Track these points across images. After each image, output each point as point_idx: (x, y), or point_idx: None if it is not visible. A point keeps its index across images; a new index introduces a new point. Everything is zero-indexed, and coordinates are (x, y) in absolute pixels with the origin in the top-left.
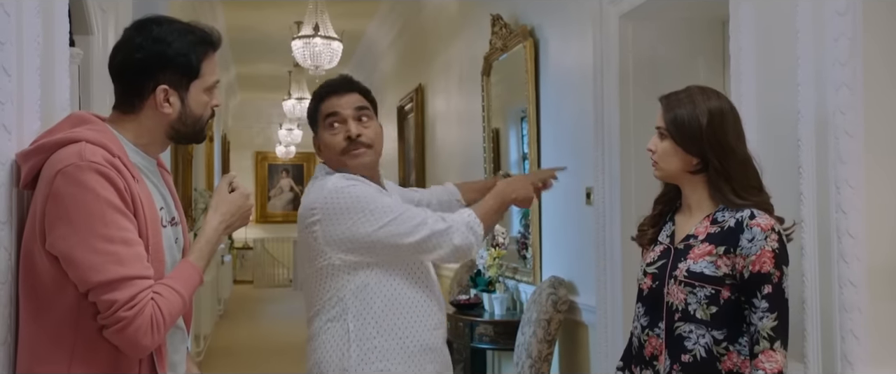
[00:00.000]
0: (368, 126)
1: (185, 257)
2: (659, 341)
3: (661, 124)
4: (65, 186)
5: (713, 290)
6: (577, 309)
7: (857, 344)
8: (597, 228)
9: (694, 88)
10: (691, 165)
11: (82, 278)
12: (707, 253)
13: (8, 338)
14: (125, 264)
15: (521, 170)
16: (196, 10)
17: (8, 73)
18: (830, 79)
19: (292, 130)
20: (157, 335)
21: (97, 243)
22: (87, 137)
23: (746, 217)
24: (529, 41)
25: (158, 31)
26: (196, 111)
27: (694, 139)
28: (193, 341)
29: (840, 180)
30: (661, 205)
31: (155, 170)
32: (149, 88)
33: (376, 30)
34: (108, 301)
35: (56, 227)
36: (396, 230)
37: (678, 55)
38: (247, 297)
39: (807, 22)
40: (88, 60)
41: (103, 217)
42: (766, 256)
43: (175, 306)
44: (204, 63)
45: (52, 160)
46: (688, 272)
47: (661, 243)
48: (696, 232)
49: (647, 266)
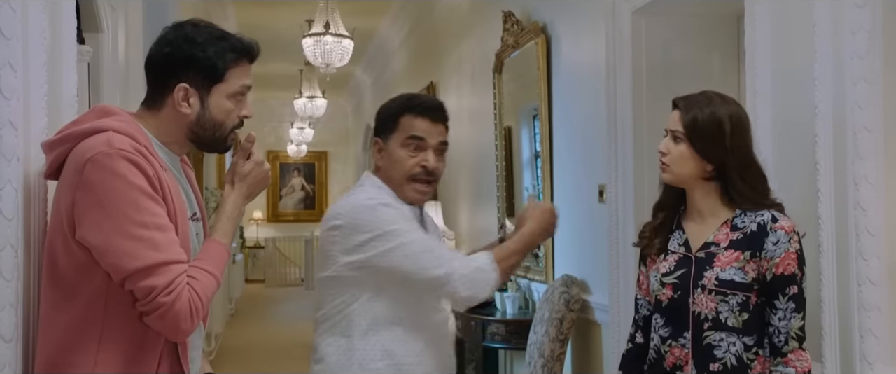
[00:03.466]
0: (442, 161)
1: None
2: (684, 351)
3: (676, 128)
4: (95, 173)
5: (744, 296)
6: (589, 308)
7: (876, 343)
8: (610, 226)
9: (711, 93)
10: (705, 172)
11: (118, 265)
12: (734, 260)
13: (16, 335)
14: (161, 249)
15: (534, 169)
16: (207, 9)
17: (14, 68)
18: (848, 73)
19: (303, 128)
20: (196, 319)
21: (132, 229)
22: (113, 127)
23: (769, 220)
24: (541, 38)
25: (192, 32)
26: (217, 117)
27: (714, 145)
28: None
29: (858, 177)
30: (664, 212)
31: (178, 166)
32: (171, 84)
33: (388, 27)
34: (147, 288)
35: (88, 215)
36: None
37: (692, 51)
38: (258, 296)
39: (824, 15)
40: (98, 58)
41: (136, 203)
42: (790, 258)
43: (210, 288)
44: (232, 69)
45: (79, 149)
46: (718, 280)
47: (673, 251)
48: (716, 239)
49: (664, 277)
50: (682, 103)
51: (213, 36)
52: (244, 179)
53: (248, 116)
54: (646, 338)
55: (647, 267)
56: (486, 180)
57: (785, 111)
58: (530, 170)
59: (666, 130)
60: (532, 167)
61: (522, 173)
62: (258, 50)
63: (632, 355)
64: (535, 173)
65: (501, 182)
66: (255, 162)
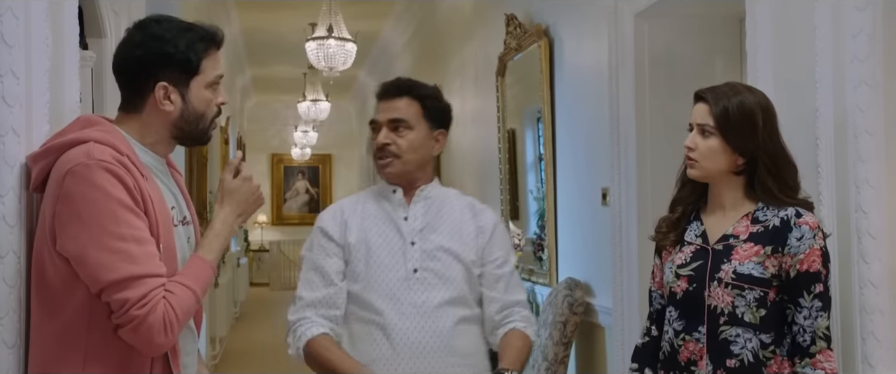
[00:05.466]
0: (403, 136)
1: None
2: (698, 345)
3: (705, 121)
4: (74, 185)
5: (762, 292)
6: (593, 311)
7: (878, 346)
8: (613, 229)
9: (736, 83)
10: (736, 165)
11: (94, 277)
12: (754, 254)
13: (17, 341)
14: (137, 262)
15: (537, 171)
16: (210, 12)
17: (16, 76)
18: (849, 76)
19: (307, 132)
20: (170, 334)
21: (109, 241)
22: (95, 138)
23: (793, 216)
24: (544, 41)
25: (158, 29)
26: (199, 108)
27: (747, 137)
28: (209, 343)
29: (860, 180)
30: (683, 206)
31: (165, 169)
32: (149, 85)
33: (391, 31)
34: (121, 300)
35: (67, 227)
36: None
37: (694, 53)
38: (263, 299)
39: (825, 18)
40: (101, 63)
41: (114, 216)
42: (814, 255)
43: (188, 303)
44: (205, 60)
45: (61, 161)
46: (735, 274)
47: (690, 243)
48: (736, 232)
49: (680, 268)
50: (708, 95)
51: (181, 29)
52: (232, 194)
53: (224, 102)
54: (660, 332)
55: (661, 259)
56: (489, 183)
57: (786, 114)
58: (534, 173)
59: (691, 125)
60: (535, 170)
61: (526, 176)
62: (222, 35)
63: (647, 348)
64: (538, 176)
65: (505, 185)
66: (243, 178)
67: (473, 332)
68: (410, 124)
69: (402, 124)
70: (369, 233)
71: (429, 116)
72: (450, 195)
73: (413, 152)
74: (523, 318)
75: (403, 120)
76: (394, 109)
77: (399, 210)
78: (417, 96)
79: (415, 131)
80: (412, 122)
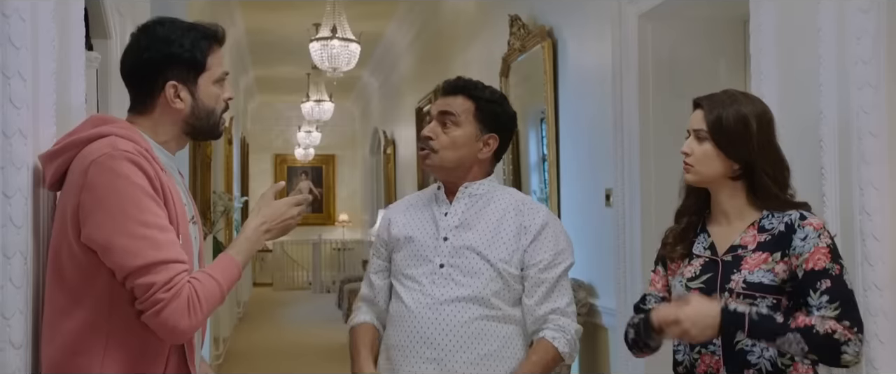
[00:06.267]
0: (448, 131)
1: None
2: (714, 358)
3: (700, 127)
4: (99, 175)
5: (774, 299)
6: (596, 312)
7: (882, 348)
8: (616, 230)
9: (734, 91)
10: (732, 171)
11: (120, 263)
12: (762, 262)
13: (25, 342)
14: (161, 248)
15: (541, 172)
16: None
17: (23, 78)
18: (853, 78)
19: (311, 132)
20: (194, 319)
21: (134, 227)
22: (115, 132)
23: (797, 219)
24: (548, 42)
25: (162, 31)
26: (208, 104)
27: (741, 144)
28: (212, 343)
29: (864, 182)
30: (688, 216)
31: (175, 168)
32: (159, 85)
33: (395, 31)
34: (146, 284)
35: (92, 216)
36: None
37: (698, 55)
38: (266, 300)
39: (829, 20)
40: (107, 64)
41: (138, 203)
42: (819, 253)
43: (212, 293)
44: (209, 57)
45: (83, 154)
46: (746, 283)
47: (699, 255)
48: (743, 242)
49: (690, 281)
50: (705, 102)
51: (184, 29)
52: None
53: (231, 97)
54: None
55: (666, 270)
56: None
57: (790, 116)
58: (537, 173)
59: (688, 131)
60: (539, 171)
61: (530, 177)
62: (223, 32)
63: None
64: (542, 177)
65: (509, 185)
66: (287, 202)
67: (502, 333)
68: (458, 121)
69: (450, 119)
70: (411, 226)
71: (481, 117)
72: (501, 193)
73: (453, 150)
74: (557, 327)
75: (452, 114)
76: (447, 104)
77: (442, 206)
78: (473, 96)
79: (461, 129)
80: (461, 119)
